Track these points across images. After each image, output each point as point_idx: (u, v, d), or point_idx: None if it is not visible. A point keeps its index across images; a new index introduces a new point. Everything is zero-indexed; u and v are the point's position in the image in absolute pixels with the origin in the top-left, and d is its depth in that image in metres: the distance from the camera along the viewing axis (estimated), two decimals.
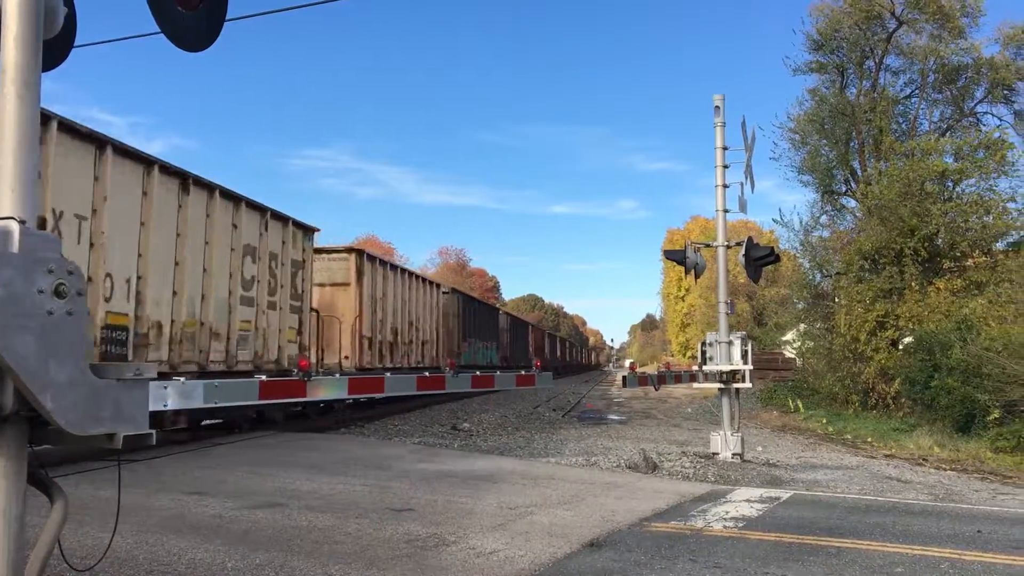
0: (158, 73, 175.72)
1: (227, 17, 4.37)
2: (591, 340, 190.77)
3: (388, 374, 11.44)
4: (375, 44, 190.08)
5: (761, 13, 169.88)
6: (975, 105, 34.36)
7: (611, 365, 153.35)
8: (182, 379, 6.02)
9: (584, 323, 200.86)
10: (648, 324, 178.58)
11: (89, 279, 11.08)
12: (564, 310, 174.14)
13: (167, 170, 13.38)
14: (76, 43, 4.43)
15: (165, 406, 5.74)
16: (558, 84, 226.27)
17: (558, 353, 79.08)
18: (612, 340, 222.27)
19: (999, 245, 29.62)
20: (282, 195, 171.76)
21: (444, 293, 31.78)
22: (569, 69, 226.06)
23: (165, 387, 5.71)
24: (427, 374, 11.30)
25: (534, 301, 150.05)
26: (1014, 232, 28.99)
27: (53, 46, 3.81)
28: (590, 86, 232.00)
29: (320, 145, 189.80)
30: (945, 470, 15.87)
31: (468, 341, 34.25)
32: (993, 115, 34.32)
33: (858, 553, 7.39)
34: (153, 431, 3.54)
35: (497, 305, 68.48)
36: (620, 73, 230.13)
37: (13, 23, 3.25)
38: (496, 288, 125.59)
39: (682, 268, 17.11)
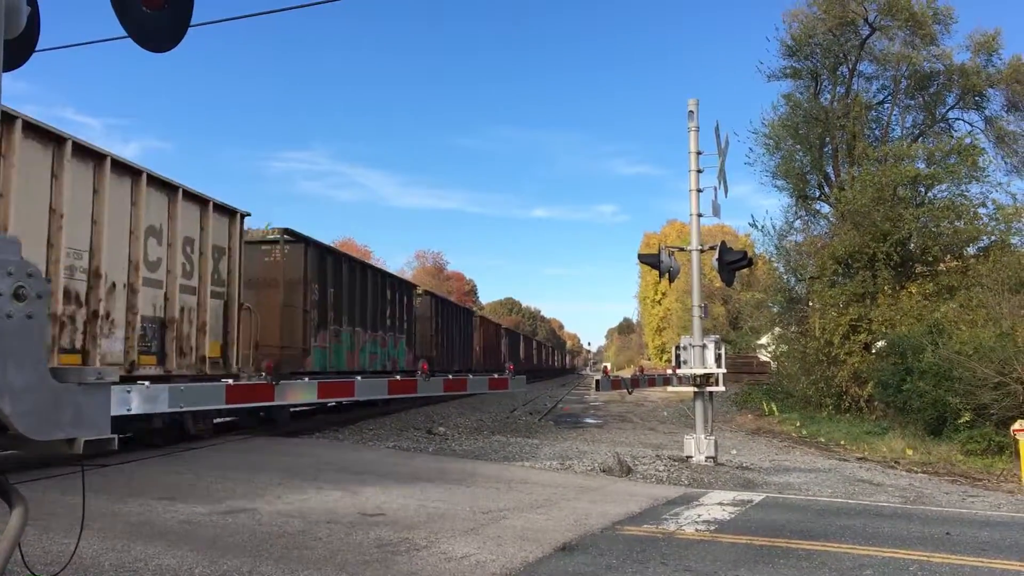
0: (134, 74, 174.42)
1: (201, 20, 4.34)
2: (568, 343, 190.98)
3: (359, 378, 11.30)
4: (354, 47, 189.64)
5: (737, 19, 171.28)
6: (947, 111, 34.82)
7: (588, 369, 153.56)
8: (146, 383, 5.94)
9: (561, 327, 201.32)
10: (625, 328, 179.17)
11: None
12: (542, 314, 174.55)
13: None
14: (41, 45, 4.38)
15: (128, 410, 5.65)
16: (537, 89, 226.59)
17: (522, 355, 65.45)
18: (589, 344, 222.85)
19: (970, 250, 30.00)
20: (261, 197, 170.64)
21: (272, 241, 18.86)
22: (547, 74, 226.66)
23: (128, 391, 5.63)
24: (398, 377, 10.83)
25: (511, 304, 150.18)
26: (985, 237, 29.38)
27: (15, 46, 3.77)
28: (568, 91, 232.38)
29: (299, 147, 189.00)
30: (916, 472, 16.02)
31: (333, 329, 20.91)
32: (964, 121, 34.84)
33: (828, 555, 7.43)
34: (115, 436, 3.50)
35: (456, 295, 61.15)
36: (598, 78, 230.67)
37: None
38: (474, 292, 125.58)
39: (657, 272, 17.16)
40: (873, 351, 28.31)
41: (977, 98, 33.70)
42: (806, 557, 7.34)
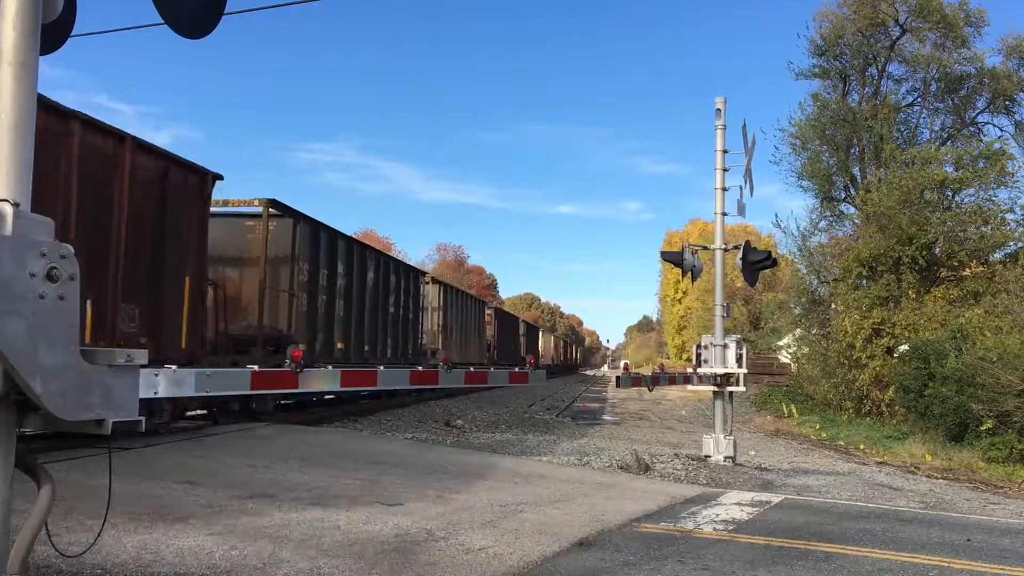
0: (167, 63, 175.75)
1: (232, 10, 4.36)
2: (587, 340, 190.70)
3: (381, 367, 11.38)
4: (381, 41, 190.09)
5: (765, 17, 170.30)
6: (976, 115, 34.44)
7: (606, 366, 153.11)
8: (173, 367, 5.99)
9: (581, 323, 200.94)
10: (644, 325, 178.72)
11: None
12: (561, 310, 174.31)
13: None
14: (77, 31, 4.41)
15: (155, 393, 5.71)
16: (565, 86, 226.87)
17: (512, 339, 51.74)
18: (608, 341, 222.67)
19: (997, 255, 29.68)
20: (288, 188, 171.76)
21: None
22: (575, 71, 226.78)
23: (156, 374, 5.68)
24: (420, 368, 11.21)
25: (531, 300, 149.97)
26: (1012, 243, 29.06)
27: (52, 30, 3.80)
28: (596, 88, 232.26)
29: (325, 139, 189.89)
30: (937, 478, 15.88)
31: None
32: (994, 125, 34.44)
33: (847, 558, 7.39)
34: (142, 418, 3.53)
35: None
36: (626, 76, 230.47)
37: (11, 3, 3.23)
38: (494, 286, 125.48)
39: (680, 270, 17.08)
40: (895, 355, 28.07)
41: (1008, 102, 33.28)
42: (825, 559, 7.30)
